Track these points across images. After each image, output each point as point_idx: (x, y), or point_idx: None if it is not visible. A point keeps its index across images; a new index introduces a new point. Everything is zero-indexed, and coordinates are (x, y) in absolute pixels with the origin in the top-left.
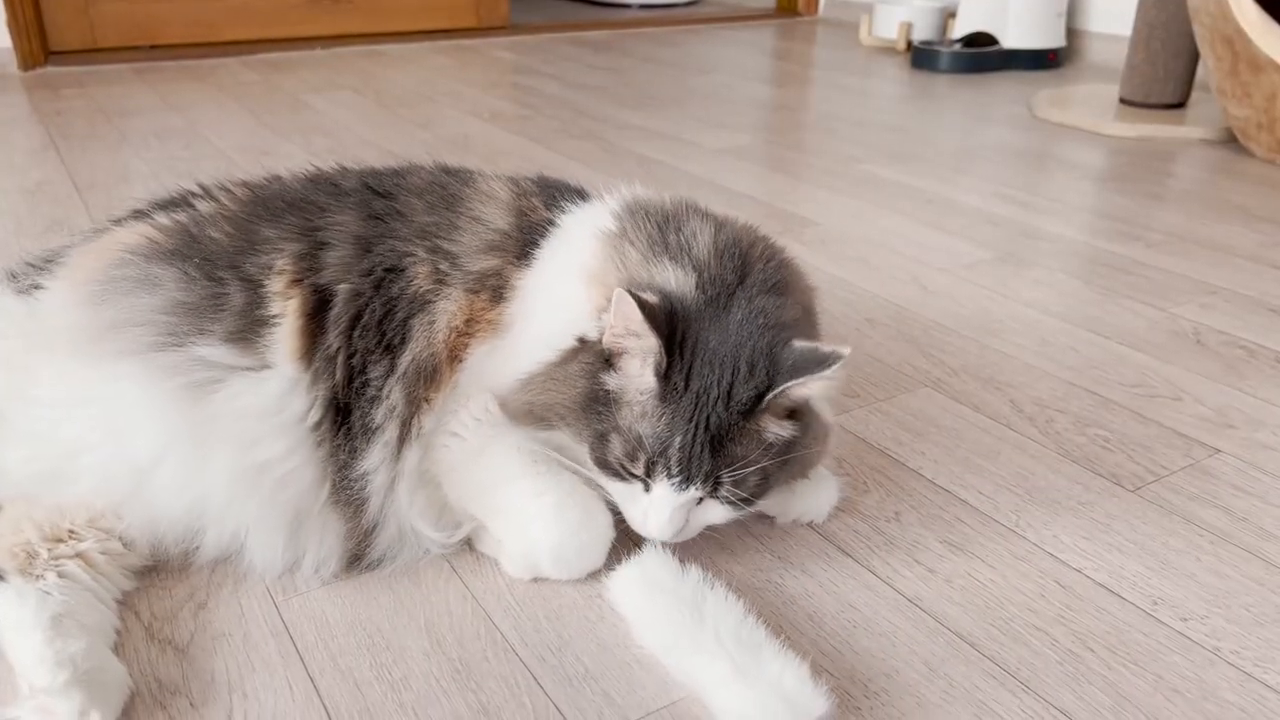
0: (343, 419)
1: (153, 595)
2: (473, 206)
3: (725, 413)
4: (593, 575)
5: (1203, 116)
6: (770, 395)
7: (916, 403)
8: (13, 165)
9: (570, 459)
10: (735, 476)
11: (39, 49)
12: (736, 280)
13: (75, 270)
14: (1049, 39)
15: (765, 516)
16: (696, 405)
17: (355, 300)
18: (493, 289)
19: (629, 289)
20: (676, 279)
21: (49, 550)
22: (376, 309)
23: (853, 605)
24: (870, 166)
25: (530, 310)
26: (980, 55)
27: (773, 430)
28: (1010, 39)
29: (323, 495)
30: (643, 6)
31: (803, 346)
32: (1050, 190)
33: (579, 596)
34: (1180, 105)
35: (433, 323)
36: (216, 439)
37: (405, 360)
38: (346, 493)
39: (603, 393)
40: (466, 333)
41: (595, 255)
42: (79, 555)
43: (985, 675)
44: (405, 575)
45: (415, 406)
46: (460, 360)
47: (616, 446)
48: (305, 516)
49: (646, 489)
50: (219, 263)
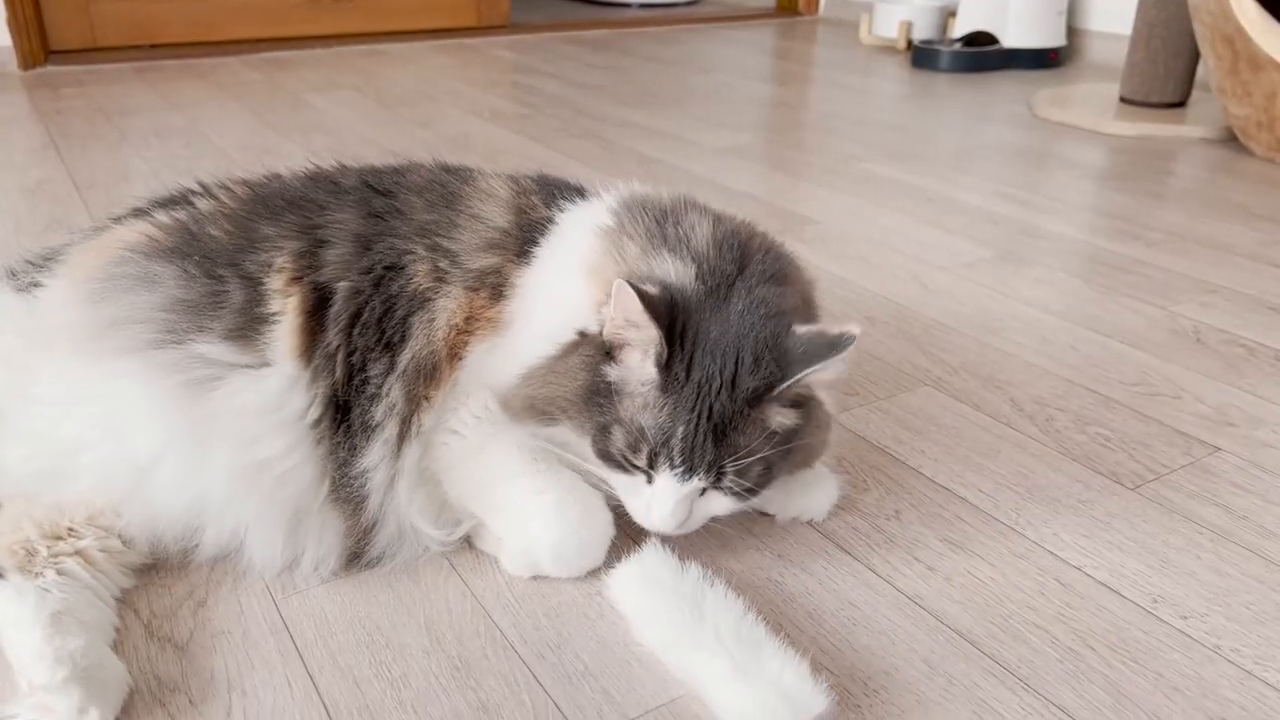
0: (342, 416)
1: (152, 593)
2: (472, 204)
3: (730, 402)
4: (592, 573)
5: (1203, 115)
6: (784, 385)
7: (917, 401)
8: (13, 164)
9: (573, 455)
10: (739, 466)
11: (39, 48)
12: (736, 271)
13: (75, 268)
14: (1049, 38)
15: (765, 514)
16: (699, 395)
17: (355, 298)
18: (492, 287)
19: (628, 280)
20: (676, 270)
21: (48, 548)
22: (376, 307)
23: (852, 603)
24: (870, 165)
25: (530, 308)
26: (980, 54)
27: (777, 419)
28: (1010, 38)
29: (322, 493)
30: (643, 6)
31: (809, 332)
32: (1051, 189)
33: (578, 594)
34: (1180, 104)
35: (432, 320)
36: (216, 436)
37: (405, 358)
38: (346, 490)
39: (604, 385)
40: (466, 330)
41: (594, 250)
42: (78, 553)
43: (985, 673)
44: (405, 573)
45: (415, 404)
46: (460, 358)
47: (619, 438)
48: (305, 514)
49: (649, 481)
50: (219, 260)
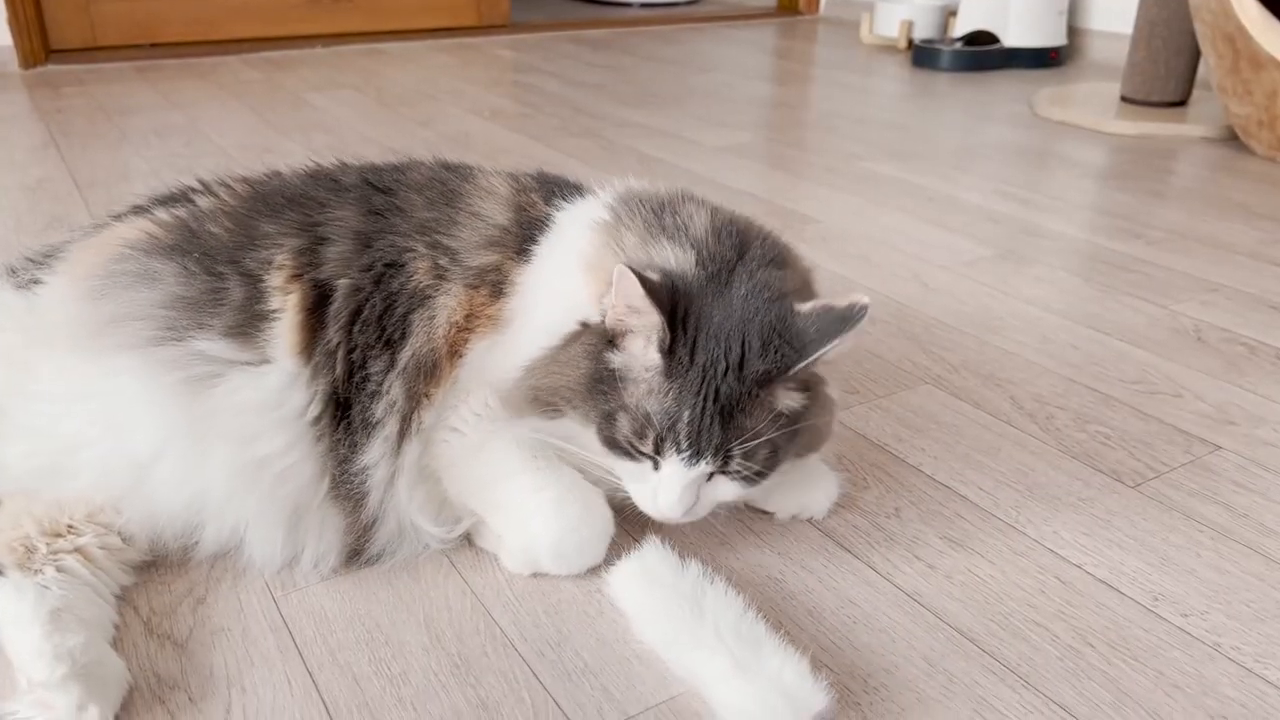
0: (342, 414)
1: (151, 590)
2: (472, 202)
3: (738, 384)
4: (592, 570)
5: (1204, 114)
6: (800, 364)
7: (917, 399)
8: (13, 162)
9: (577, 448)
10: (746, 449)
11: (40, 47)
12: (736, 256)
13: (75, 265)
14: (1050, 37)
15: (765, 512)
16: (704, 379)
17: (355, 295)
18: (492, 284)
19: (629, 265)
20: (675, 257)
21: (48, 545)
22: (377, 304)
23: (852, 601)
24: (871, 164)
25: (530, 305)
26: (981, 53)
27: (784, 401)
28: (1011, 37)
29: (322, 490)
30: (643, 5)
31: (816, 308)
32: (1051, 188)
33: (578, 592)
34: (1181, 103)
35: (433, 318)
36: (216, 434)
37: (405, 355)
38: (346, 487)
39: (607, 372)
40: (466, 328)
41: (592, 244)
42: (78, 550)
43: (985, 671)
44: (404, 570)
45: (415, 401)
46: (460, 355)
47: (624, 425)
48: (304, 511)
49: (656, 467)
50: (219, 258)
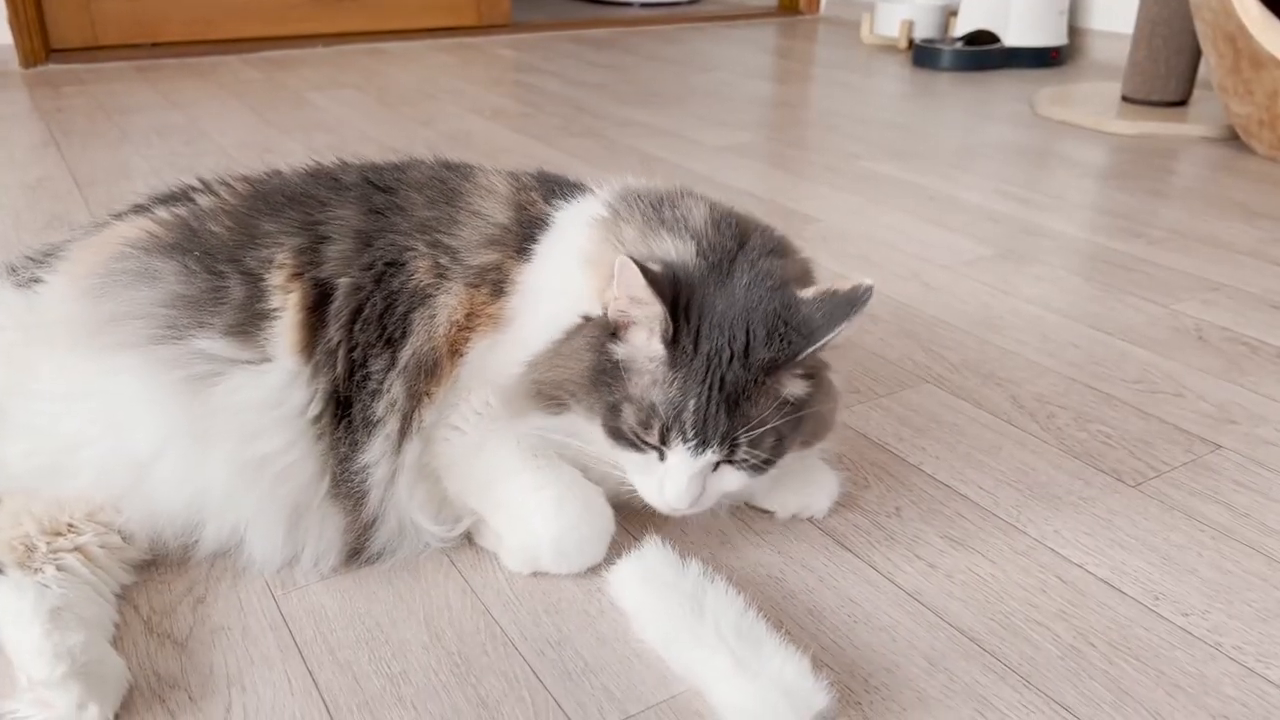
0: (343, 412)
1: (151, 589)
2: (473, 201)
3: (743, 372)
4: (593, 570)
5: (1204, 114)
6: (809, 350)
7: (917, 398)
8: (13, 161)
9: (583, 443)
10: (752, 437)
11: (40, 46)
12: (736, 246)
13: (75, 264)
14: (1051, 37)
15: (766, 511)
16: (709, 368)
17: (356, 294)
18: (493, 283)
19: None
20: (676, 248)
21: (48, 544)
22: (377, 303)
23: (853, 600)
24: (872, 163)
25: (530, 303)
26: (982, 53)
27: (790, 388)
28: (1012, 37)
29: (322, 489)
30: (644, 5)
31: (819, 293)
32: (1052, 187)
33: (579, 591)
34: (1182, 103)
35: (433, 317)
36: (216, 432)
37: (406, 354)
38: (347, 486)
39: (610, 364)
40: (467, 327)
41: (591, 239)
42: (78, 549)
43: (986, 670)
44: (404, 569)
45: (416, 400)
46: (461, 354)
47: (629, 416)
48: (305, 510)
49: (662, 458)
50: (219, 256)
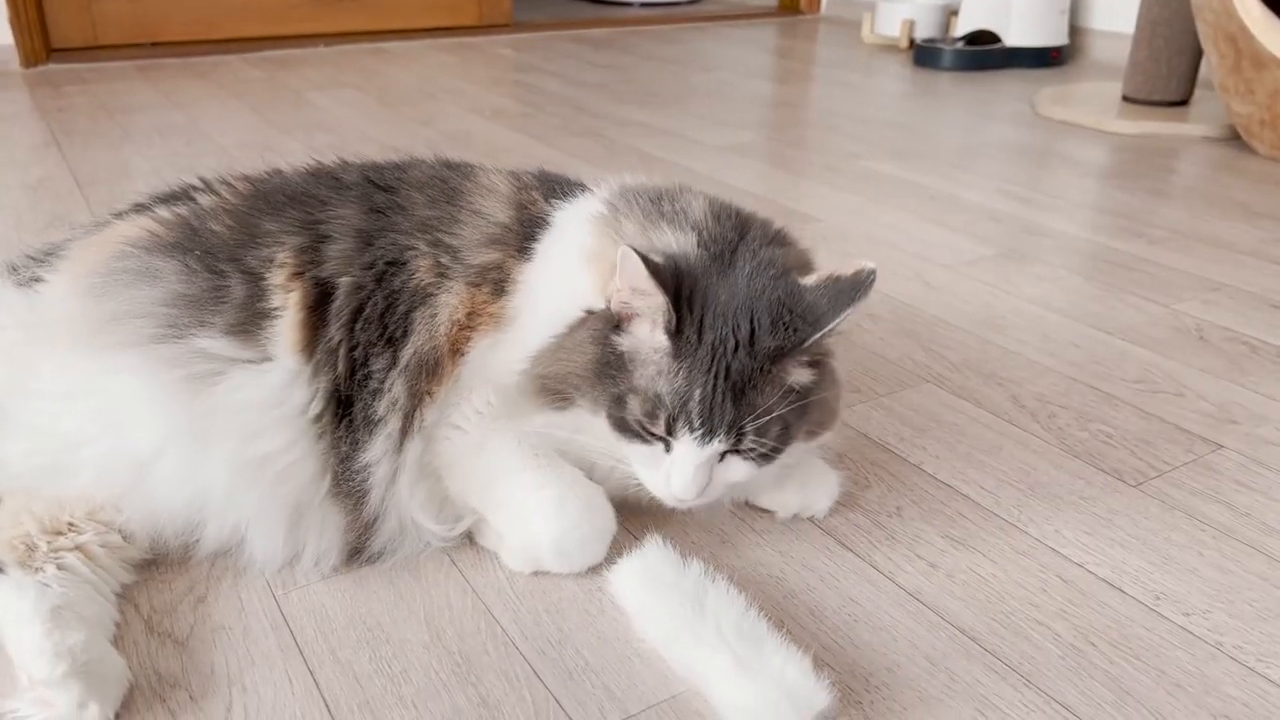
0: (344, 411)
1: (152, 588)
2: (474, 200)
3: (749, 360)
4: (594, 569)
5: (1205, 114)
6: (816, 336)
7: (918, 398)
8: (14, 161)
9: (588, 437)
10: (758, 425)
11: (41, 46)
12: (737, 237)
13: (76, 263)
14: (1052, 36)
15: (767, 511)
16: (713, 357)
17: (357, 293)
18: (494, 282)
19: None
20: (676, 240)
21: (48, 543)
22: (378, 302)
23: (854, 599)
24: (872, 163)
25: (532, 302)
26: (983, 53)
27: (795, 376)
28: (1013, 37)
29: (323, 488)
30: (644, 4)
31: (822, 279)
32: (1053, 187)
33: (579, 590)
34: (1183, 102)
35: (434, 316)
36: (217, 431)
37: (407, 353)
38: (348, 485)
39: (615, 356)
40: (468, 326)
41: (592, 236)
42: (78, 548)
43: (987, 670)
44: (405, 569)
45: (417, 399)
46: (462, 353)
47: (635, 407)
48: (306, 509)
49: (668, 449)
50: (220, 255)
